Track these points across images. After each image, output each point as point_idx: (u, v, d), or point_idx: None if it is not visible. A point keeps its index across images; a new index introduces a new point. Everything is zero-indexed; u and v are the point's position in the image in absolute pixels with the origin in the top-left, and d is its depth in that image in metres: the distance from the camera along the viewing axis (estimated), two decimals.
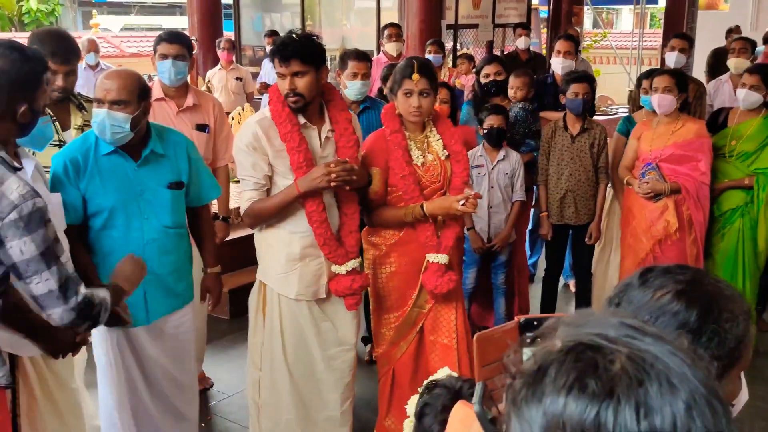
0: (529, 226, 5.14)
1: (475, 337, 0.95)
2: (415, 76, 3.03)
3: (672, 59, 5.56)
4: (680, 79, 4.16)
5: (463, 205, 2.96)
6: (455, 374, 1.51)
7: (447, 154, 3.20)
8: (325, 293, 3.07)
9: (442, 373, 1.35)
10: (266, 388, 3.12)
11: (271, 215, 2.97)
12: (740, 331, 1.10)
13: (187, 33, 5.64)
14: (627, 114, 5.43)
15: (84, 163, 2.68)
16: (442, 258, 3.14)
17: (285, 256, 3.00)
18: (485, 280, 4.51)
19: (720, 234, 4.32)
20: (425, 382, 1.48)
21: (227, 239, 4.12)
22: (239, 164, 2.96)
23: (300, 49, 2.79)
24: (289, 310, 3.06)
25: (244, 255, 4.39)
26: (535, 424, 0.69)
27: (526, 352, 0.82)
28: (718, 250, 4.34)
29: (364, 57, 4.07)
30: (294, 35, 2.84)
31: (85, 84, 7.76)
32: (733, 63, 5.81)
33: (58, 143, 2.97)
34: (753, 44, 6.16)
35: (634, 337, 0.71)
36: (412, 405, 1.49)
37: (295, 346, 3.08)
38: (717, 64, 8.86)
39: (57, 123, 3.03)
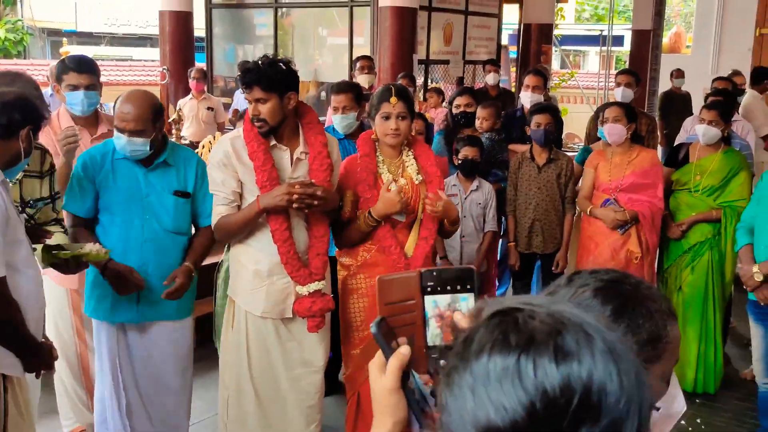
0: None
1: (377, 279, 1.01)
2: (393, 99, 3.09)
3: (619, 94, 5.73)
4: (628, 110, 4.35)
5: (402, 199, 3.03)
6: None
7: (421, 178, 3.22)
8: (292, 313, 3.06)
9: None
10: (233, 406, 3.10)
11: (237, 230, 3.00)
12: (656, 328, 1.13)
13: (158, 63, 5.57)
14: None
15: (101, 162, 2.99)
16: None
17: (253, 273, 3.01)
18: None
19: (689, 267, 4.39)
20: None
21: None
22: (211, 179, 3.01)
23: (261, 76, 2.83)
24: (256, 328, 3.05)
25: (208, 283, 4.36)
26: (463, 384, 0.71)
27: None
28: (688, 283, 4.40)
29: (346, 89, 4.05)
30: (259, 62, 2.89)
31: (51, 109, 7.72)
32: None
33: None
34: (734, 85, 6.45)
35: (555, 302, 0.75)
36: None
37: (260, 364, 3.07)
38: (667, 105, 9.15)
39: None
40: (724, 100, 5.10)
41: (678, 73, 9.26)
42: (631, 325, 1.11)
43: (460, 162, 4.30)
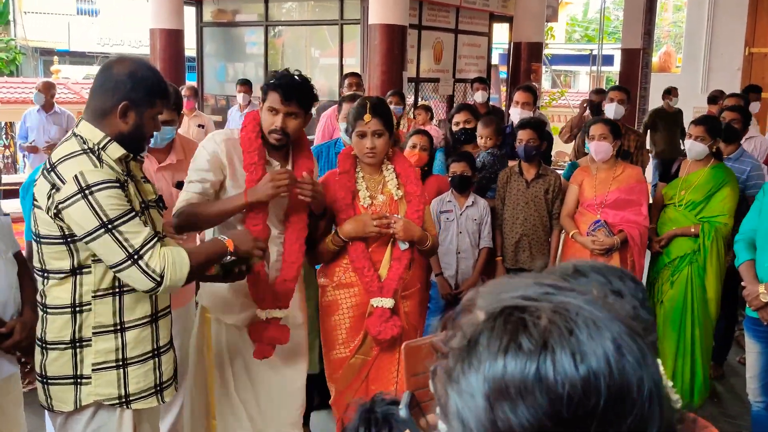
0: None
1: (403, 347, 0.94)
2: (367, 117, 2.97)
3: (611, 110, 5.72)
4: (614, 127, 4.34)
5: (377, 225, 2.93)
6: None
7: (401, 194, 3.13)
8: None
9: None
10: (221, 411, 3.01)
11: (206, 221, 2.83)
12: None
13: None
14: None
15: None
16: (387, 302, 3.01)
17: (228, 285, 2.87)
18: None
19: (669, 282, 4.37)
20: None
21: None
22: (192, 169, 2.84)
23: (303, 92, 2.80)
24: (233, 340, 2.97)
25: None
26: (477, 393, 0.69)
27: None
28: (668, 297, 4.38)
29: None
30: (297, 77, 2.83)
31: (37, 126, 7.69)
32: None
33: None
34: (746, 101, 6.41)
35: (552, 293, 0.73)
36: None
37: (243, 379, 2.99)
38: (655, 122, 9.18)
39: None
40: (738, 116, 5.10)
41: (674, 92, 9.30)
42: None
43: (450, 178, 4.28)
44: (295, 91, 2.79)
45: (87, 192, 2.08)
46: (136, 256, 2.12)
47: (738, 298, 4.46)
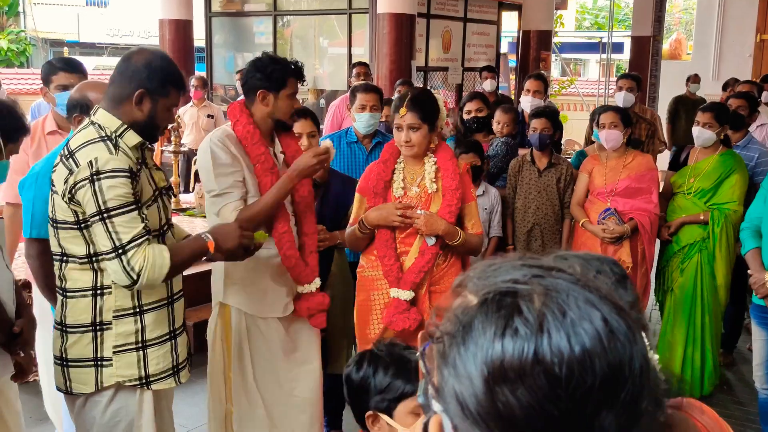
0: None
1: (420, 335, 0.95)
2: (402, 111, 2.98)
3: (621, 98, 5.71)
4: (624, 115, 4.32)
5: (401, 216, 2.96)
6: None
7: (437, 188, 3.08)
8: (286, 312, 3.06)
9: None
10: (238, 420, 3.06)
11: (266, 215, 2.89)
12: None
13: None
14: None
15: None
16: (404, 294, 3.02)
17: (252, 272, 2.96)
18: None
19: (679, 269, 4.38)
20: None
21: (190, 272, 4.07)
22: (216, 180, 2.84)
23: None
24: (257, 330, 3.03)
25: (206, 289, 4.34)
26: (475, 376, 0.70)
27: None
28: (678, 285, 4.39)
29: (373, 89, 4.11)
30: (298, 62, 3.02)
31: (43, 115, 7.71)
32: None
33: None
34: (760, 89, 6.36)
35: (541, 276, 0.74)
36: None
37: (263, 365, 3.05)
38: (676, 109, 9.14)
39: None
40: (744, 103, 5.08)
41: (695, 78, 9.24)
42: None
43: None
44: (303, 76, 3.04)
45: (95, 178, 2.15)
46: (120, 251, 2.18)
47: (746, 286, 4.46)
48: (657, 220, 4.26)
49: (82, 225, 2.22)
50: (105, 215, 2.16)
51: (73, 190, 2.17)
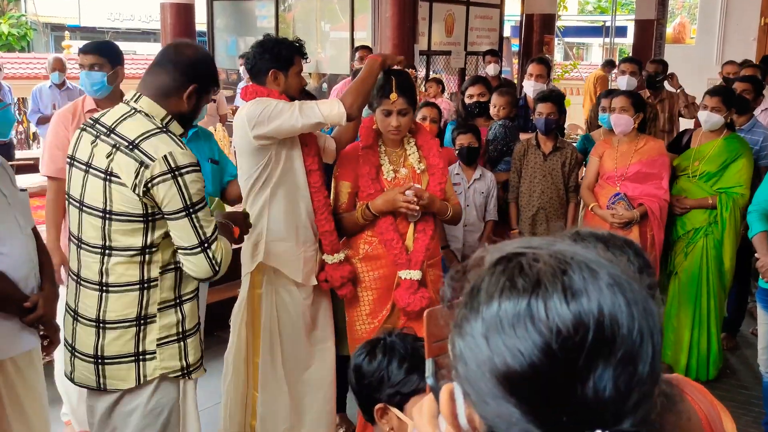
0: None
1: (425, 314, 0.96)
2: (393, 96, 2.99)
3: (623, 82, 5.69)
4: (636, 99, 4.28)
5: (404, 201, 3.01)
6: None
7: (423, 167, 3.15)
8: (310, 282, 3.13)
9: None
10: (263, 405, 3.10)
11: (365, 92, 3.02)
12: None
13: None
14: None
15: None
16: (415, 274, 3.07)
17: (292, 239, 3.06)
18: None
19: (683, 253, 4.38)
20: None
21: None
22: (280, 112, 2.89)
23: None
24: (289, 297, 3.09)
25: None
26: (477, 334, 0.72)
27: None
28: (683, 269, 4.39)
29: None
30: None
31: (50, 102, 7.70)
32: None
33: None
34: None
35: (553, 242, 0.76)
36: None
37: (289, 351, 3.11)
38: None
39: None
40: (749, 87, 5.05)
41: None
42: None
43: (457, 151, 4.28)
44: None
45: (177, 173, 2.15)
46: (206, 244, 2.21)
47: (751, 269, 4.46)
48: (666, 205, 4.25)
49: (149, 218, 2.20)
50: (191, 210, 2.18)
51: (150, 185, 2.14)
